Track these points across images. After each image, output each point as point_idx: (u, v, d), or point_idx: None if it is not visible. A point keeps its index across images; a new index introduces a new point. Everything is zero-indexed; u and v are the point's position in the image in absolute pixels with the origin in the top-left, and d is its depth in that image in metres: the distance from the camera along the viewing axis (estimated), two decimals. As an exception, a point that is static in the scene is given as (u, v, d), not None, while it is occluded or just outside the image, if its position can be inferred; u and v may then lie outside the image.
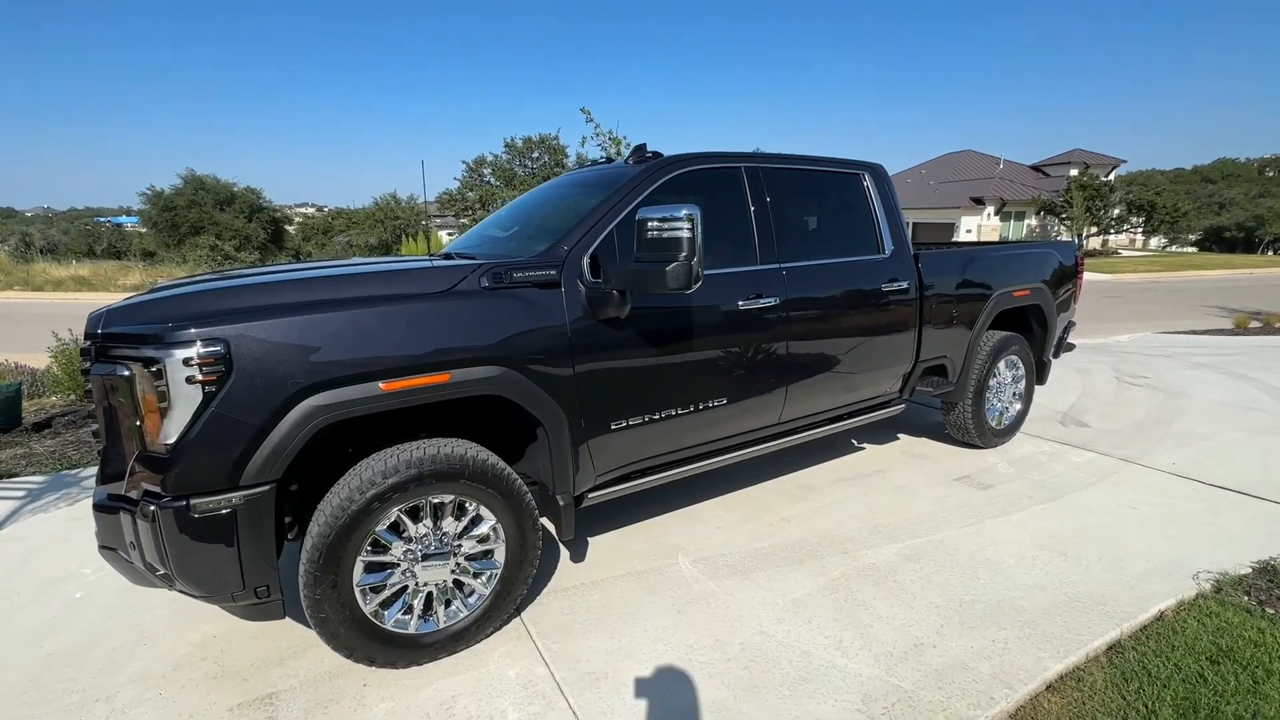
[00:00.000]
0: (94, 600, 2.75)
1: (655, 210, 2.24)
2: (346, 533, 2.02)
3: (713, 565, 2.94)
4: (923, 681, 2.16)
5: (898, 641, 2.38)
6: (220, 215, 38.21)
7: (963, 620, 2.50)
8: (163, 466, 1.83)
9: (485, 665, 2.30)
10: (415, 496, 2.13)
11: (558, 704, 2.10)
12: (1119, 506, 3.45)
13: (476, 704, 2.11)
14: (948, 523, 3.31)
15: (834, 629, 2.46)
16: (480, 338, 2.21)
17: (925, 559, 2.96)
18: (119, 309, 1.97)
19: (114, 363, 1.86)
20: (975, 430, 4.17)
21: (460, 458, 2.20)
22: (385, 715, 2.07)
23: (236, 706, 2.11)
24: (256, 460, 1.87)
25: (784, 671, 2.23)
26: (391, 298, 2.12)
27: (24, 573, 2.98)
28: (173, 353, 1.79)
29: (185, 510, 1.82)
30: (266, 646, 2.41)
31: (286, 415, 1.89)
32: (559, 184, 3.56)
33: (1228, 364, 7.18)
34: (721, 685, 2.17)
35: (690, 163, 2.87)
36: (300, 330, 1.92)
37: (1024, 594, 2.66)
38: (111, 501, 1.96)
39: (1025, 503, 3.53)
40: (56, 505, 3.74)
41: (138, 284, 18.64)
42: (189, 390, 1.80)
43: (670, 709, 2.06)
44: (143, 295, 2.14)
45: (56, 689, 2.21)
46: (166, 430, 1.83)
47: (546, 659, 2.32)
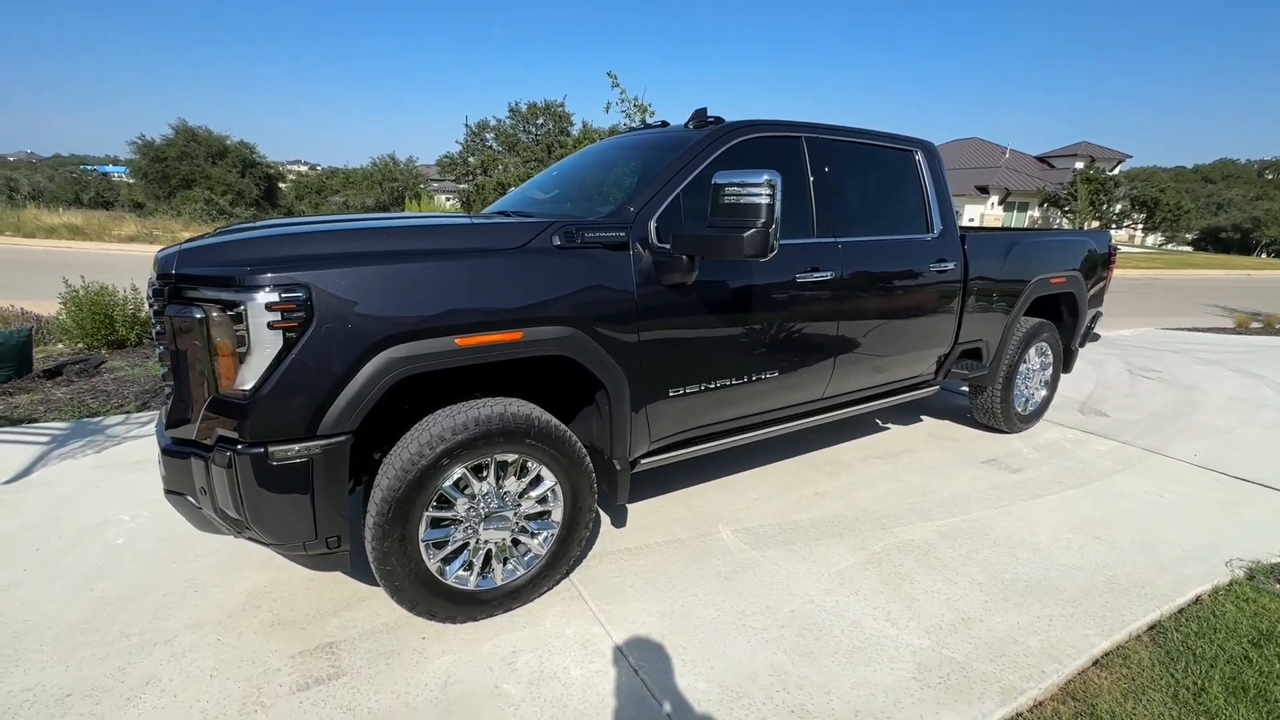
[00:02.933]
0: (136, 546, 2.74)
1: (733, 174, 2.20)
2: (416, 488, 2.01)
3: (754, 535, 2.97)
4: (974, 654, 2.21)
5: (945, 615, 2.42)
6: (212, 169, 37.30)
7: (1006, 597, 2.54)
8: (240, 412, 1.80)
9: (542, 623, 2.32)
10: (482, 454, 2.12)
11: (619, 662, 2.12)
12: (1146, 494, 3.51)
13: (538, 660, 2.13)
14: (980, 503, 3.36)
15: (881, 601, 2.50)
16: (552, 297, 2.18)
17: (963, 537, 3.00)
18: (193, 249, 1.91)
19: (189, 304, 1.82)
20: (1002, 415, 4.20)
21: (526, 418, 2.18)
22: (448, 667, 2.08)
23: (298, 654, 2.12)
24: (334, 410, 1.84)
25: (837, 639, 2.27)
26: (468, 251, 2.08)
27: (61, 518, 2.95)
28: (254, 297, 1.75)
29: (263, 458, 1.80)
30: (318, 598, 2.42)
31: (365, 366, 1.86)
32: (606, 147, 3.49)
33: (1235, 361, 7.27)
34: (778, 650, 2.20)
35: (755, 129, 2.81)
36: (381, 279, 1.88)
37: (1063, 574, 2.71)
38: (181, 446, 1.93)
39: (1055, 487, 3.58)
40: (83, 452, 3.70)
41: (133, 234, 18.27)
42: (269, 336, 1.76)
43: (730, 671, 2.09)
44: (216, 237, 2.07)
45: (113, 631, 2.20)
46: (243, 376, 1.80)
47: (601, 619, 2.34)
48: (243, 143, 40.14)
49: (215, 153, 38.50)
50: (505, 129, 31.24)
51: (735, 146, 2.73)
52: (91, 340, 6.33)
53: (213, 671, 2.03)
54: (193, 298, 1.82)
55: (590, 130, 30.63)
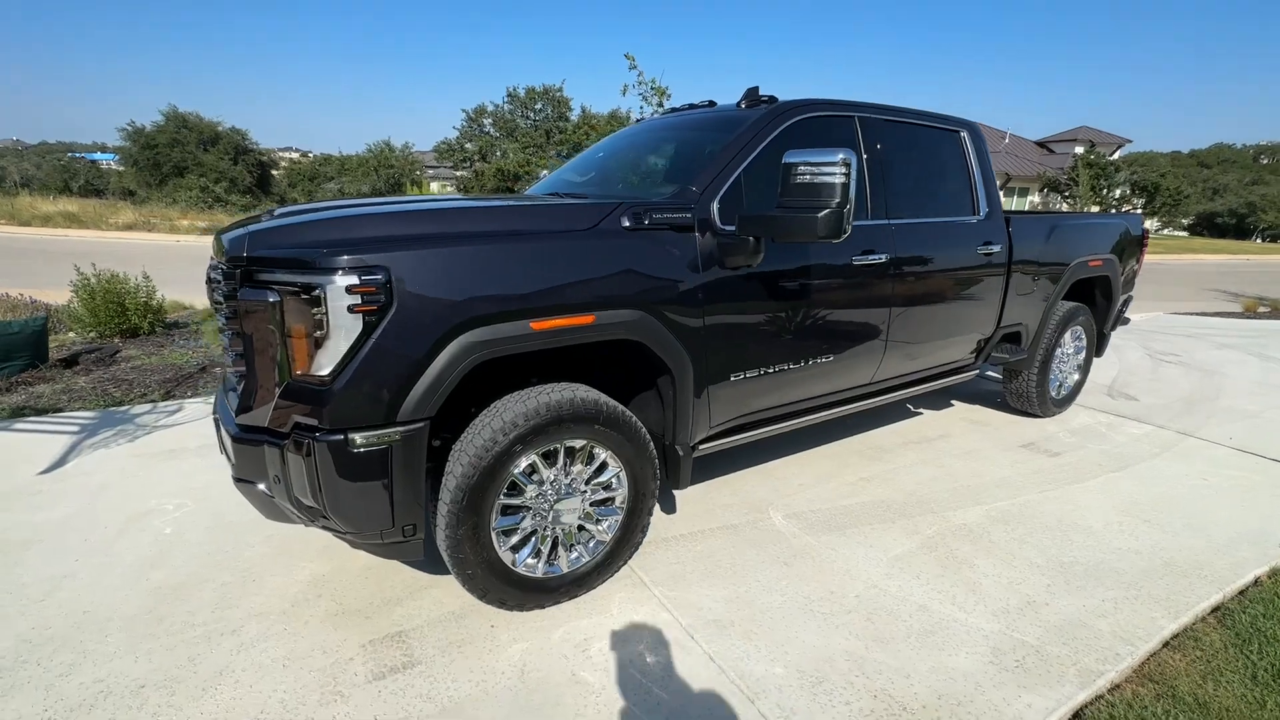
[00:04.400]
0: (186, 536, 2.70)
1: (805, 154, 2.14)
2: (489, 475, 1.97)
3: (805, 521, 2.96)
4: (1045, 637, 2.20)
5: (1010, 598, 2.41)
6: (205, 156, 36.75)
7: (1067, 580, 2.54)
8: (318, 399, 1.75)
9: (609, 610, 2.30)
10: (553, 440, 2.08)
11: (692, 649, 2.10)
12: (1188, 477, 3.51)
13: (612, 647, 2.11)
14: (1026, 487, 3.35)
15: (944, 585, 2.49)
16: (622, 280, 2.13)
17: (1014, 521, 2.99)
18: (264, 231, 1.85)
19: (263, 288, 1.76)
20: (1037, 399, 4.19)
21: (595, 403, 2.15)
22: (522, 655, 2.06)
23: (368, 643, 2.09)
24: (413, 396, 1.80)
25: (907, 624, 2.26)
26: (542, 233, 2.03)
27: (104, 508, 2.91)
28: (333, 279, 1.69)
29: (343, 445, 1.75)
30: (379, 586, 2.39)
31: (444, 350, 1.82)
32: (650, 128, 3.42)
33: (1250, 345, 7.28)
34: (849, 635, 2.19)
35: (811, 109, 2.75)
36: (459, 262, 1.83)
37: (1119, 557, 2.71)
38: (253, 434, 1.88)
39: (1097, 470, 3.58)
40: (115, 441, 3.64)
41: (130, 222, 18.02)
42: (349, 320, 1.71)
43: (805, 656, 2.08)
44: (285, 218, 2.01)
45: (176, 621, 2.17)
46: (320, 361, 1.75)
47: (668, 605, 2.32)
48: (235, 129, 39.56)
49: (207, 139, 37.93)
50: (503, 114, 30.91)
51: (792, 126, 2.68)
52: (104, 329, 6.24)
53: (285, 661, 2.00)
54: (266, 281, 1.77)
55: (590, 115, 30.35)
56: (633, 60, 7.03)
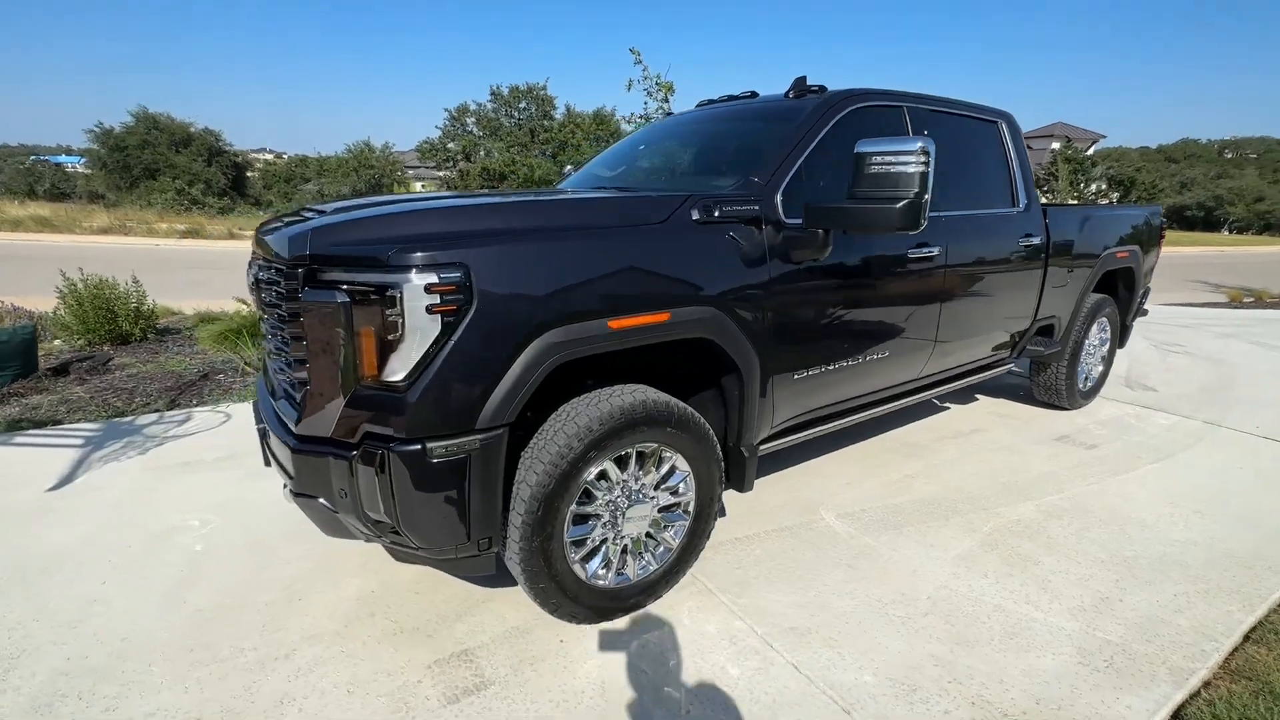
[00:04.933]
0: (217, 554, 2.55)
1: (879, 143, 2.07)
2: (564, 482, 1.86)
3: (859, 521, 2.89)
4: (1128, 635, 2.15)
5: (1083, 596, 2.37)
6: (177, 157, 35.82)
7: (1134, 575, 2.50)
8: (391, 407, 1.63)
9: (680, 620, 2.21)
10: (625, 445, 1.98)
11: (773, 659, 2.02)
12: (1226, 467, 3.52)
13: (691, 659, 2.01)
14: (1071, 481, 3.32)
15: (1014, 584, 2.43)
16: (695, 275, 2.04)
17: (1067, 516, 2.96)
18: (328, 227, 1.72)
19: (329, 288, 1.64)
20: (1066, 392, 4.18)
21: (666, 405, 2.05)
22: (599, 671, 1.96)
23: (435, 664, 1.97)
24: (493, 401, 1.69)
25: (987, 626, 2.20)
26: (617, 227, 1.93)
27: (124, 525, 2.74)
28: (410, 278, 1.58)
29: (420, 455, 1.64)
30: (433, 602, 2.27)
31: (524, 352, 1.71)
32: (688, 120, 3.32)
33: (1247, 335, 7.41)
34: (932, 639, 2.12)
35: (863, 99, 2.68)
36: (539, 257, 1.73)
37: (1180, 550, 2.68)
38: (315, 445, 1.75)
39: (1136, 462, 3.56)
40: (124, 455, 3.46)
41: (105, 225, 17.44)
42: (427, 321, 1.60)
43: (892, 663, 2.01)
44: (348, 213, 1.88)
45: (223, 647, 2.03)
46: (393, 366, 1.63)
47: (739, 613, 2.24)
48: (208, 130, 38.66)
49: (179, 141, 37.00)
50: (486, 113, 30.55)
51: (846, 116, 2.60)
52: (93, 336, 5.99)
53: (349, 687, 1.88)
54: (332, 281, 1.64)
55: (574, 114, 30.15)
56: (638, 55, 6.94)
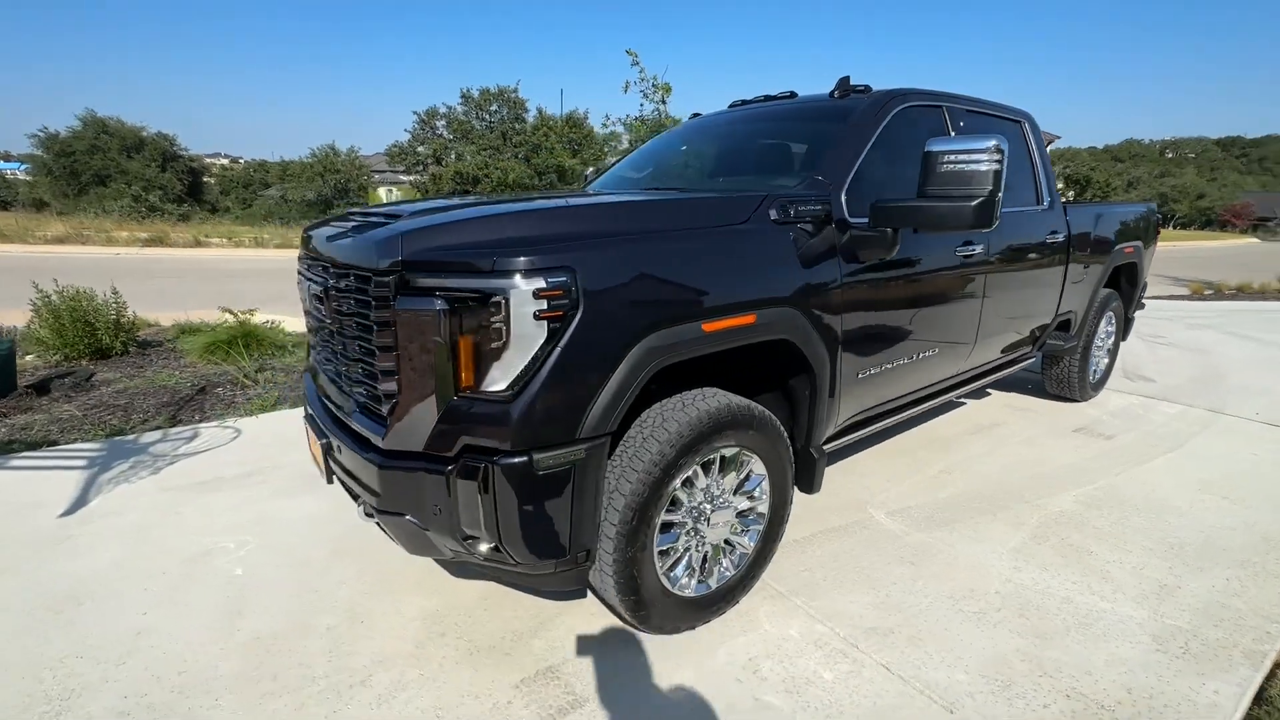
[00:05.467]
0: (261, 576, 2.42)
1: (951, 142, 2.08)
2: (656, 489, 1.81)
3: (909, 518, 2.90)
4: (1195, 620, 2.20)
5: (1142, 584, 2.42)
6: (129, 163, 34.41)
7: (1184, 562, 2.57)
8: (496, 418, 1.56)
9: (760, 625, 2.17)
10: (711, 450, 1.94)
11: (863, 661, 2.00)
12: (1239, 453, 3.65)
13: (781, 665, 1.98)
14: (1099, 472, 3.40)
15: (1074, 574, 2.47)
16: (776, 276, 2.02)
17: (1104, 506, 3.03)
18: (421, 231, 1.63)
19: (425, 296, 1.56)
20: (1078, 384, 4.30)
21: (748, 408, 2.02)
22: (692, 682, 1.91)
23: (521, 683, 1.90)
24: (596, 409, 1.63)
25: (1060, 618, 2.22)
26: (706, 229, 1.89)
27: (153, 550, 2.58)
28: (517, 284, 1.51)
29: (526, 468, 1.57)
30: (504, 618, 2.19)
31: (627, 357, 1.65)
32: (722, 122, 3.30)
33: (1221, 325, 7.76)
34: (1011, 633, 2.14)
35: (910, 98, 2.70)
36: (639, 260, 1.68)
37: (1220, 535, 2.77)
38: (406, 460, 1.67)
39: (1153, 452, 3.67)
40: (134, 475, 3.27)
41: (61, 235, 16.57)
42: (533, 328, 1.53)
43: (980, 659, 2.01)
44: (427, 216, 1.79)
45: (291, 676, 1.92)
46: (494, 376, 1.56)
47: (817, 616, 2.21)
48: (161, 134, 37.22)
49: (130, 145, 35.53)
50: (457, 116, 30.05)
51: (895, 116, 2.62)
52: (71, 351, 5.67)
53: (437, 712, 1.79)
54: (429, 288, 1.56)
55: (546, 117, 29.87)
56: (635, 57, 6.90)
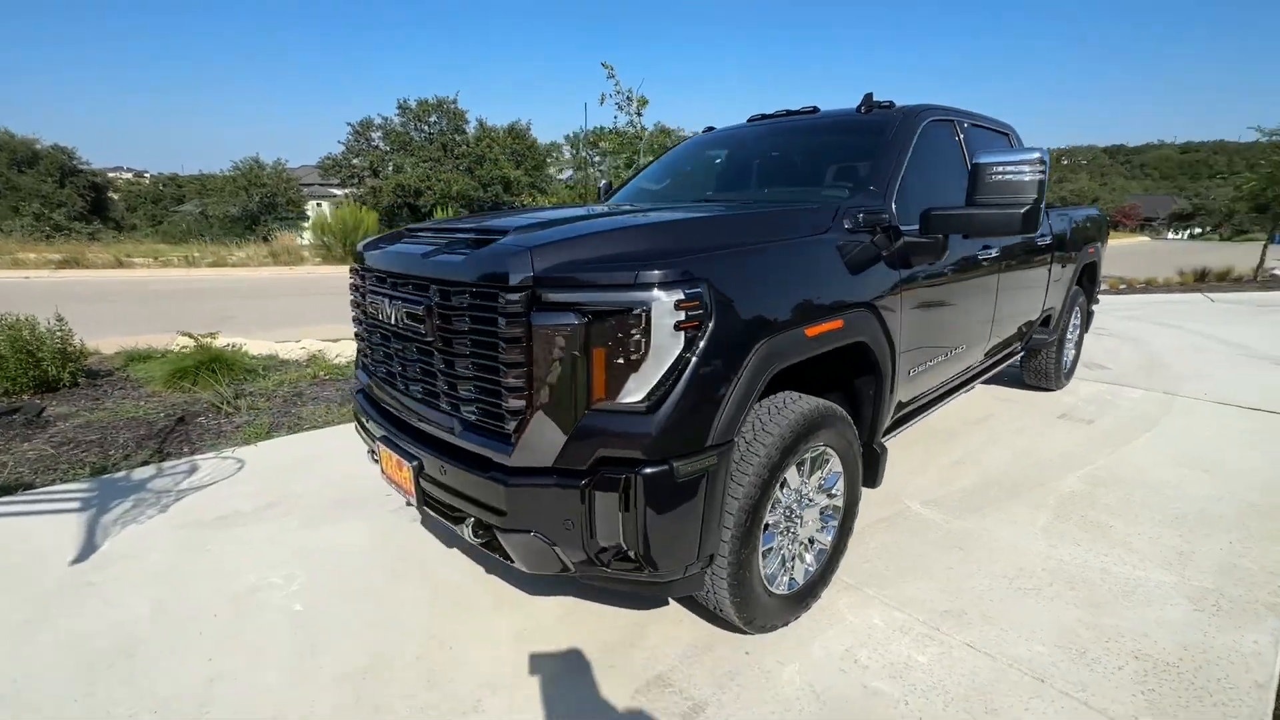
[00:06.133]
0: (324, 610, 2.31)
1: (999, 154, 2.25)
2: (765, 490, 1.87)
3: (943, 507, 3.08)
4: (1218, 581, 2.45)
5: (1163, 552, 2.66)
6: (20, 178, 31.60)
7: (1190, 529, 2.84)
8: (633, 429, 1.58)
9: (844, 617, 2.26)
10: (805, 450, 2.02)
11: (949, 642, 2.12)
12: (1200, 430, 4.06)
13: (877, 653, 2.07)
14: (1092, 454, 3.70)
15: (1104, 548, 2.69)
16: (855, 282, 2.12)
17: (1107, 484, 3.30)
18: (548, 246, 1.63)
19: (562, 310, 1.56)
20: (1054, 374, 4.66)
21: (831, 409, 2.11)
22: (800, 677, 1.97)
23: (636, 693, 1.90)
24: (724, 416, 1.68)
25: (1105, 587, 2.42)
26: (801, 239, 1.97)
27: (193, 592, 2.41)
28: (659, 296, 1.54)
29: (668, 476, 1.59)
30: (594, 632, 2.18)
31: (748, 364, 1.71)
32: (747, 136, 3.41)
33: (1148, 316, 8.56)
34: (1069, 605, 2.31)
35: (933, 113, 2.89)
36: (757, 269, 1.74)
37: (1211, 504, 3.07)
38: (536, 476, 1.65)
39: (1132, 433, 4.03)
40: (140, 516, 3.03)
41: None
42: (671, 339, 1.57)
43: (1050, 631, 2.16)
44: (536, 231, 1.78)
45: (398, 710, 1.85)
46: (630, 387, 1.59)
47: (892, 604, 2.32)
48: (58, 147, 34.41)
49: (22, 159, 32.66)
50: (394, 128, 29.19)
51: (924, 129, 2.80)
52: (13, 385, 5.17)
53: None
54: (565, 303, 1.57)
55: (488, 129, 29.53)
56: (610, 69, 6.96)
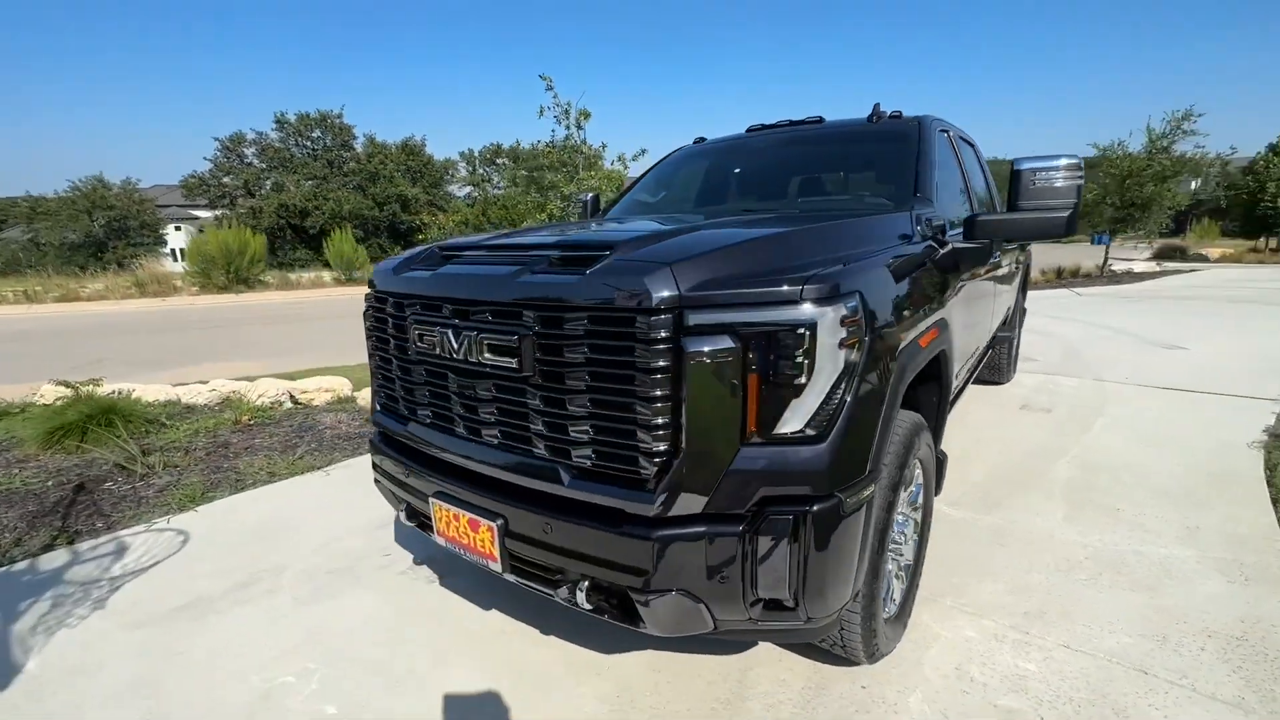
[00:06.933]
0: (364, 705, 1.92)
1: (1036, 161, 2.32)
2: (888, 512, 1.77)
3: (964, 505, 3.14)
4: (1229, 550, 2.65)
5: (1173, 529, 2.84)
6: None
7: (1178, 503, 3.08)
8: (799, 461, 1.42)
9: (937, 633, 2.20)
10: (909, 465, 1.95)
11: (1046, 646, 2.11)
12: (1139, 410, 4.50)
13: (986, 667, 2.02)
14: (1065, 442, 3.96)
15: (1124, 530, 2.84)
16: (937, 289, 2.09)
17: (1093, 469, 3.53)
18: (689, 261, 1.42)
19: (712, 333, 1.37)
20: (1005, 368, 5.01)
21: (922, 422, 2.05)
22: (926, 705, 1.87)
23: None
24: (879, 437, 1.55)
25: (1147, 570, 2.54)
26: (911, 252, 1.89)
27: (189, 709, 1.92)
28: (823, 311, 1.39)
29: (837, 511, 1.44)
30: (692, 686, 1.97)
31: (893, 380, 1.60)
32: (767, 145, 3.34)
33: (1044, 310, 9.53)
34: (1124, 591, 2.39)
35: (940, 123, 2.99)
36: (891, 280, 1.64)
37: (1183, 478, 3.36)
38: (687, 526, 1.44)
39: (1089, 418, 4.38)
40: (71, 615, 2.41)
41: None
42: (833, 358, 1.42)
43: (1124, 620, 2.22)
44: (656, 243, 1.56)
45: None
46: (787, 416, 1.42)
47: (974, 613, 2.30)
48: None
49: None
50: (271, 143, 26.70)
51: (938, 138, 2.87)
52: None
53: (714, 812, 1.55)
54: (712, 324, 1.38)
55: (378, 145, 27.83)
56: (549, 81, 6.70)
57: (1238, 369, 5.59)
